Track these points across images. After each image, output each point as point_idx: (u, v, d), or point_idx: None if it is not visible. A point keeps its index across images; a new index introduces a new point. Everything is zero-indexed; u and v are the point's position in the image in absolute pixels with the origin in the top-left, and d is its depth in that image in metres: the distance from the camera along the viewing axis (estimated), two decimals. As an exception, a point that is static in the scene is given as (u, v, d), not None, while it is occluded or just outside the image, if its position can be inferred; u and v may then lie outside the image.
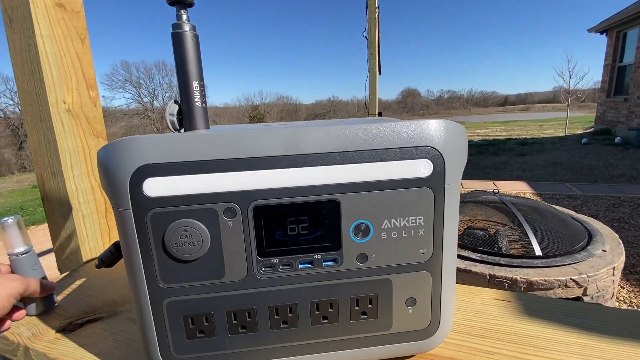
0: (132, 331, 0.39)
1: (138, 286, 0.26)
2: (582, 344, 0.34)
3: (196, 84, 0.32)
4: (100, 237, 0.60)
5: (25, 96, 0.54)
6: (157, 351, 0.28)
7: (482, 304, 0.41)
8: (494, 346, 0.34)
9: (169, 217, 0.25)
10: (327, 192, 0.26)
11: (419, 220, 0.27)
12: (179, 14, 0.31)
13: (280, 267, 0.27)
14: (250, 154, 0.25)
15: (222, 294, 0.27)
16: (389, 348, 0.30)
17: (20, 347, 0.38)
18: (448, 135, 0.27)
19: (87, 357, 0.35)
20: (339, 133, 0.26)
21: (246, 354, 0.29)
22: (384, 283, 0.28)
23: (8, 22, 0.53)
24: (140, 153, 0.24)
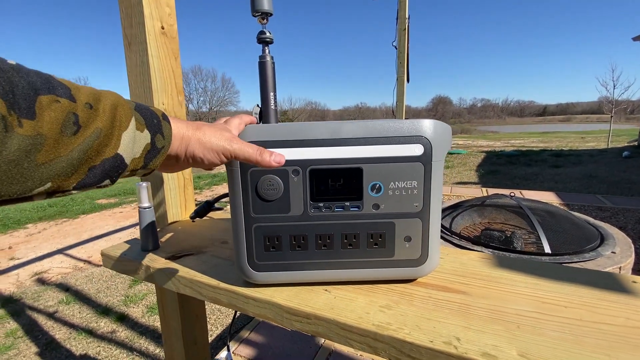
0: (217, 261, 0.56)
1: (238, 216, 0.44)
2: (537, 282, 0.47)
3: (272, 94, 0.49)
4: (179, 206, 0.79)
5: (136, 99, 0.75)
6: (246, 258, 0.45)
7: (468, 260, 0.55)
8: (470, 281, 0.48)
9: (261, 173, 0.42)
10: (355, 163, 0.42)
11: (414, 184, 0.43)
12: (263, 49, 0.48)
13: (324, 209, 0.43)
14: (308, 137, 0.42)
15: (287, 223, 0.43)
16: (392, 270, 0.45)
17: (142, 267, 0.57)
18: (435, 130, 0.42)
19: (190, 272, 0.53)
20: (364, 126, 0.42)
21: (299, 264, 0.45)
22: (390, 225, 0.44)
23: (127, 45, 0.74)
24: (247, 135, 0.41)
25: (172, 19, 0.76)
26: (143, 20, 0.69)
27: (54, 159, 0.23)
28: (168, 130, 0.33)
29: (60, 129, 0.23)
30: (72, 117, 0.24)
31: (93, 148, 0.25)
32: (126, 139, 0.28)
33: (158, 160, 0.32)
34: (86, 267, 3.00)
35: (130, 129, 0.28)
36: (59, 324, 2.13)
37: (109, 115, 0.26)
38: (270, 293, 0.45)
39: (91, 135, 0.25)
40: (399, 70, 3.47)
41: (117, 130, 0.27)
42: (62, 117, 0.23)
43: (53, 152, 0.23)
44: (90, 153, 0.25)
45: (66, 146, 0.23)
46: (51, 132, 0.22)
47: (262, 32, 0.47)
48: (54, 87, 0.23)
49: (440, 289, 0.46)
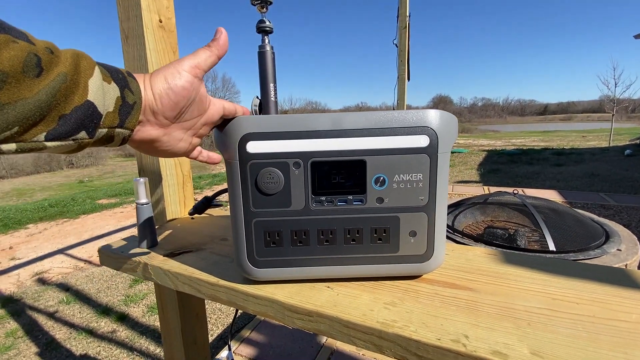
0: (216, 258, 0.55)
1: (238, 210, 0.42)
2: (545, 278, 0.45)
3: (272, 85, 0.48)
4: (178, 203, 0.78)
5: (133, 94, 0.73)
6: (245, 254, 0.43)
7: (474, 255, 0.54)
8: (476, 278, 0.46)
9: (261, 166, 0.40)
10: (358, 155, 0.40)
11: (419, 176, 0.41)
12: (263, 39, 0.47)
13: (326, 202, 0.42)
14: (310, 128, 0.40)
15: (288, 218, 0.42)
16: (397, 266, 0.44)
17: (140, 265, 0.56)
18: (441, 120, 0.41)
19: (189, 269, 0.51)
20: (368, 117, 0.40)
21: (301, 260, 0.43)
22: (394, 219, 0.42)
23: (125, 38, 0.73)
24: (246, 126, 0.40)
25: (170, 12, 0.74)
26: (140, 13, 0.68)
27: (18, 99, 0.22)
28: (135, 85, 0.31)
29: (22, 68, 0.22)
30: (34, 58, 0.23)
31: (60, 92, 0.24)
32: (93, 86, 0.26)
33: (134, 117, 0.30)
34: (87, 267, 3.00)
35: (96, 77, 0.27)
36: (59, 323, 2.13)
37: (71, 61, 0.25)
38: (271, 290, 0.44)
39: (56, 79, 0.24)
40: (400, 69, 3.45)
41: (83, 76, 0.26)
42: (23, 56, 0.22)
43: (16, 92, 0.22)
44: (59, 97, 0.24)
45: (30, 88, 0.22)
46: (12, 69, 0.21)
47: (261, 20, 0.46)
48: (9, 29, 0.22)
49: (446, 285, 0.44)
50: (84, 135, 0.27)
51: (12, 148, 0.23)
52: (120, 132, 0.30)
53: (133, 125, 0.31)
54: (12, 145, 0.23)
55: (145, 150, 0.37)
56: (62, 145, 0.26)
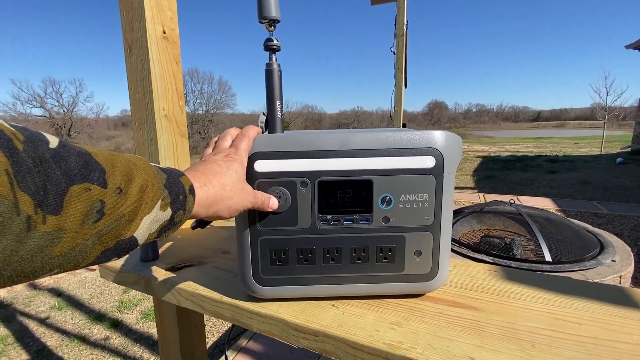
0: (219, 273, 0.55)
1: (244, 228, 0.42)
2: (547, 297, 0.46)
3: (278, 102, 0.48)
4: (179, 214, 0.77)
5: (135, 104, 0.73)
6: (251, 272, 0.43)
7: (476, 272, 0.54)
8: (480, 296, 0.47)
9: (268, 185, 0.41)
10: (364, 175, 0.41)
11: (425, 197, 0.41)
12: (270, 57, 0.47)
13: (332, 221, 0.42)
14: (318, 148, 0.40)
15: (295, 236, 0.42)
16: (402, 285, 0.44)
17: (143, 279, 0.55)
18: (447, 141, 0.41)
19: (192, 284, 0.51)
20: (374, 137, 0.41)
21: (306, 279, 0.43)
22: (400, 238, 0.43)
23: (128, 49, 0.72)
24: (254, 145, 0.40)
25: (173, 23, 0.74)
26: (144, 24, 0.68)
27: (69, 250, 0.22)
28: (191, 205, 0.31)
29: (82, 219, 0.22)
30: (98, 204, 0.22)
31: (110, 234, 0.24)
32: (147, 222, 0.26)
33: (171, 232, 0.31)
34: (79, 272, 2.95)
35: (154, 212, 0.27)
36: (51, 330, 2.09)
37: (136, 199, 0.25)
38: (276, 308, 0.44)
39: (112, 222, 0.23)
40: (397, 76, 3.48)
41: (141, 214, 0.26)
42: (88, 207, 0.22)
43: (70, 243, 0.21)
44: (106, 239, 0.24)
45: (84, 235, 0.22)
46: (73, 224, 0.21)
47: (269, 39, 0.46)
48: (90, 171, 0.22)
49: (451, 304, 0.45)
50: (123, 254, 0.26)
51: None
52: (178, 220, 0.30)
53: (167, 236, 0.31)
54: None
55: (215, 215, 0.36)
56: None
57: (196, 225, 0.64)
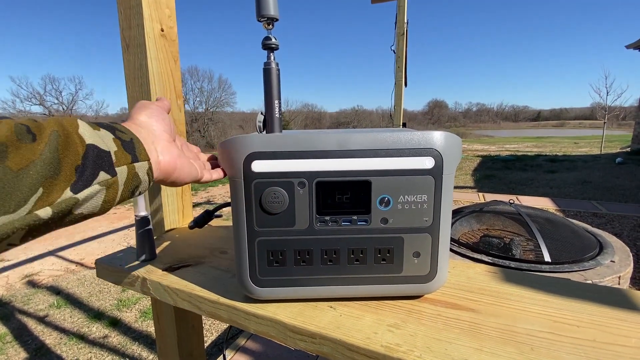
0: (217, 273, 0.54)
1: (241, 229, 0.42)
2: (546, 299, 0.46)
3: (276, 102, 0.47)
4: (177, 212, 0.77)
5: (133, 103, 0.72)
6: (248, 273, 0.43)
7: (475, 273, 0.54)
8: (478, 297, 0.46)
9: (265, 185, 0.40)
10: (363, 175, 0.40)
11: (424, 198, 0.41)
12: (268, 55, 0.47)
13: (330, 222, 0.42)
14: (316, 148, 0.40)
15: (292, 237, 0.42)
16: (400, 287, 0.44)
17: (139, 279, 0.55)
18: (446, 142, 0.41)
19: (189, 285, 0.51)
20: (373, 137, 0.40)
21: (304, 280, 0.43)
22: (398, 240, 0.42)
23: (125, 47, 0.72)
24: (251, 145, 0.40)
25: (172, 21, 0.74)
26: (142, 22, 0.67)
27: (28, 163, 0.23)
28: (121, 126, 0.33)
29: (15, 136, 0.23)
30: (23, 127, 0.24)
31: (60, 146, 0.25)
32: (85, 133, 0.28)
33: (140, 148, 0.32)
34: (78, 270, 2.95)
35: (83, 126, 0.28)
36: (50, 328, 2.09)
37: (54, 122, 0.27)
38: (273, 310, 0.43)
39: (50, 137, 0.25)
40: (397, 75, 3.48)
41: (72, 129, 0.27)
42: (11, 127, 0.23)
43: (23, 156, 0.23)
44: (61, 151, 0.25)
45: (32, 151, 0.24)
46: (8, 139, 0.23)
47: (267, 37, 0.46)
48: None
49: (448, 305, 0.44)
50: (106, 176, 0.28)
51: (49, 212, 0.25)
52: (141, 166, 0.31)
53: (145, 155, 0.32)
54: (47, 210, 0.24)
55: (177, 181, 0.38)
56: (92, 193, 0.27)
57: (194, 224, 0.64)
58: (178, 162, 0.37)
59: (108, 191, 0.28)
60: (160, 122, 0.37)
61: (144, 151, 0.32)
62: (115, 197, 0.29)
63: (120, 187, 0.29)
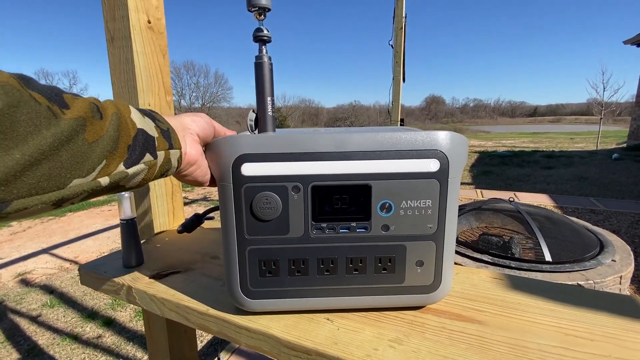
0: (207, 281, 0.51)
1: (230, 237, 0.39)
2: (555, 309, 0.43)
3: (269, 99, 0.44)
4: (167, 214, 0.74)
5: (119, 99, 0.69)
6: (238, 284, 0.40)
7: (479, 280, 0.51)
8: (484, 307, 0.44)
9: (257, 190, 0.37)
10: (362, 179, 0.37)
11: (428, 203, 0.38)
12: (260, 48, 0.43)
13: (327, 230, 0.39)
14: (312, 149, 0.37)
15: (286, 245, 0.39)
16: (402, 298, 0.41)
17: (124, 287, 0.52)
18: (452, 143, 0.38)
19: (177, 294, 0.48)
20: (373, 138, 0.37)
21: (298, 291, 0.40)
22: (400, 248, 0.39)
23: (110, 40, 0.68)
24: (241, 146, 0.36)
25: (159, 12, 0.70)
26: (127, 13, 0.63)
27: (98, 137, 0.27)
28: (160, 116, 0.36)
29: (91, 113, 0.27)
30: (94, 105, 0.28)
31: (121, 126, 0.29)
32: (136, 118, 0.32)
33: (175, 137, 0.35)
34: (72, 268, 2.91)
35: (134, 112, 0.32)
36: (43, 328, 2.05)
37: (112, 105, 0.31)
38: (266, 323, 0.40)
39: (112, 118, 0.29)
40: (395, 70, 3.44)
41: (126, 113, 0.31)
42: (87, 105, 0.28)
43: (95, 131, 0.27)
44: (120, 131, 0.29)
45: (101, 127, 0.28)
46: (86, 115, 0.27)
47: (258, 29, 0.42)
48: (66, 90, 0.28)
49: (453, 317, 0.42)
50: (150, 158, 0.32)
51: (107, 181, 0.29)
52: (174, 153, 0.35)
53: (179, 144, 0.36)
54: (106, 179, 0.29)
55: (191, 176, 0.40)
56: (138, 170, 0.31)
57: (182, 229, 0.60)
58: (200, 159, 0.39)
59: (149, 170, 0.32)
60: (198, 125, 0.40)
61: (178, 140, 0.36)
62: (152, 176, 0.33)
63: (157, 168, 0.33)
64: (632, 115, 9.18)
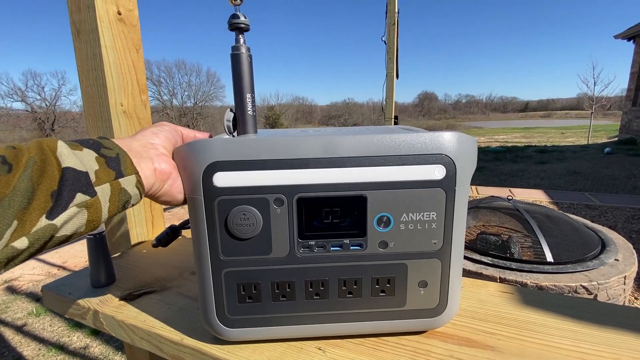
0: (184, 302, 0.45)
1: (203, 258, 0.33)
2: (575, 330, 0.38)
3: (249, 96, 0.38)
4: (145, 224, 0.68)
5: (88, 99, 0.62)
6: (214, 311, 0.34)
7: (487, 295, 0.46)
8: (495, 328, 0.39)
9: (232, 204, 0.31)
10: (356, 189, 0.32)
11: (432, 216, 0.33)
12: (237, 38, 0.38)
13: (316, 248, 0.33)
14: (297, 155, 0.31)
15: (269, 267, 0.33)
16: (403, 323, 0.36)
17: (90, 312, 0.46)
18: (460, 145, 0.33)
19: (149, 320, 0.42)
20: (368, 140, 0.32)
21: (284, 319, 0.35)
22: (401, 267, 0.34)
23: (76, 33, 0.61)
24: (212, 152, 0.31)
25: (131, 3, 0.64)
26: (93, 3, 0.57)
27: (2, 197, 0.23)
28: (109, 142, 0.31)
29: None
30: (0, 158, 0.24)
31: (35, 174, 0.25)
32: (63, 155, 0.27)
33: (126, 162, 0.30)
34: (60, 274, 2.82)
35: (62, 147, 0.27)
36: (28, 338, 1.98)
37: (34, 146, 0.27)
38: (248, 355, 0.35)
39: (27, 165, 0.25)
40: (389, 66, 3.39)
41: (49, 152, 0.27)
42: None
43: None
44: (36, 179, 0.25)
45: (7, 184, 0.24)
46: None
47: (234, 15, 0.36)
48: None
49: (462, 342, 0.37)
50: (84, 198, 0.27)
51: (25, 243, 0.24)
52: (127, 181, 0.30)
53: (132, 169, 0.30)
54: (24, 240, 0.24)
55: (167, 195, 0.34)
56: (70, 216, 0.26)
57: (157, 243, 0.54)
58: (174, 172, 0.34)
59: (90, 211, 0.28)
60: (161, 136, 0.36)
61: (130, 165, 0.31)
62: (99, 215, 0.29)
63: (105, 204, 0.29)
64: (623, 109, 9.27)
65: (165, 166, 0.33)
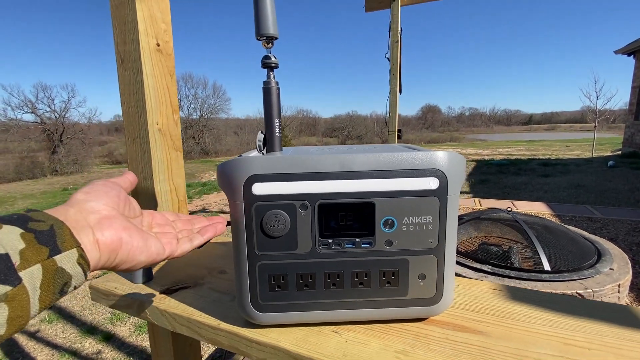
0: (216, 296, 0.53)
1: (241, 253, 0.40)
2: (554, 319, 0.45)
3: (277, 121, 0.46)
4: (173, 230, 0.75)
5: (129, 118, 0.71)
6: (249, 298, 0.41)
7: (480, 292, 0.53)
8: (485, 318, 0.45)
9: (266, 208, 0.39)
10: (367, 197, 0.40)
11: (429, 219, 0.40)
12: (268, 74, 0.46)
13: (333, 245, 0.41)
14: (318, 169, 0.39)
15: (294, 261, 0.40)
16: (405, 310, 0.43)
17: (136, 303, 0.53)
18: (450, 162, 0.40)
19: (188, 309, 0.49)
20: (376, 158, 0.39)
21: (307, 305, 0.42)
22: (403, 262, 0.41)
23: (120, 62, 0.71)
24: (252, 167, 0.39)
25: (167, 36, 0.73)
26: (137, 37, 0.66)
27: None
28: (39, 213, 0.26)
29: None
30: None
31: None
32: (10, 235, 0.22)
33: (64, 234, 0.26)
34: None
35: None
36: (41, 344, 2.03)
37: None
38: (276, 336, 0.42)
39: None
40: (392, 82, 3.50)
41: None
42: None
43: None
44: None
45: None
46: None
47: (266, 56, 0.45)
48: None
49: (456, 328, 0.43)
50: (5, 289, 0.21)
51: None
52: (66, 258, 0.25)
53: (72, 242, 0.25)
54: None
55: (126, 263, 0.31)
56: None
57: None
58: (124, 234, 0.30)
59: (11, 305, 0.21)
60: (101, 196, 0.31)
61: (69, 237, 0.26)
62: (26, 308, 0.22)
63: (35, 292, 0.23)
64: (626, 122, 9.32)
65: (110, 235, 0.29)
